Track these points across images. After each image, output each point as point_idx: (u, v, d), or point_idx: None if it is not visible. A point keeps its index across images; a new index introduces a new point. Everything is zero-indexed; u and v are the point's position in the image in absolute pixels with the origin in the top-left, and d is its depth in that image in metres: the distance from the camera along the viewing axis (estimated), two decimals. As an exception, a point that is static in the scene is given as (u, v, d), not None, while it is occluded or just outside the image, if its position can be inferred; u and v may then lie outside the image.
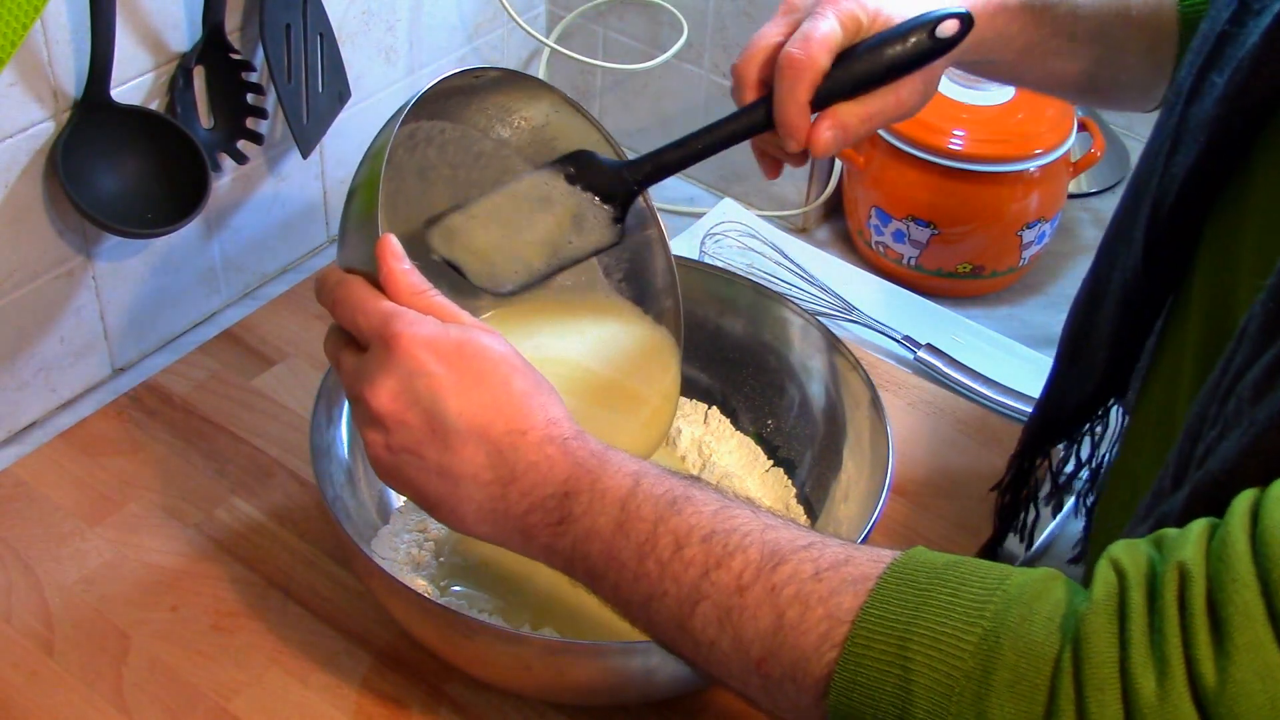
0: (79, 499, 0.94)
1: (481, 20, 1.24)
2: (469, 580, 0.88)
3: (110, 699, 0.83)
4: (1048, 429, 0.89)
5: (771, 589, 0.60)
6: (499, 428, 0.68)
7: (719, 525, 0.63)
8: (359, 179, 0.76)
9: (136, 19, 0.94)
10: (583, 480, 0.67)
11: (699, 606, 0.62)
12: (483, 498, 0.68)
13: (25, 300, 0.96)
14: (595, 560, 0.66)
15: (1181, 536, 0.54)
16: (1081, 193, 1.35)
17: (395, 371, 0.68)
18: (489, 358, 0.69)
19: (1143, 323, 0.78)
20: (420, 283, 0.72)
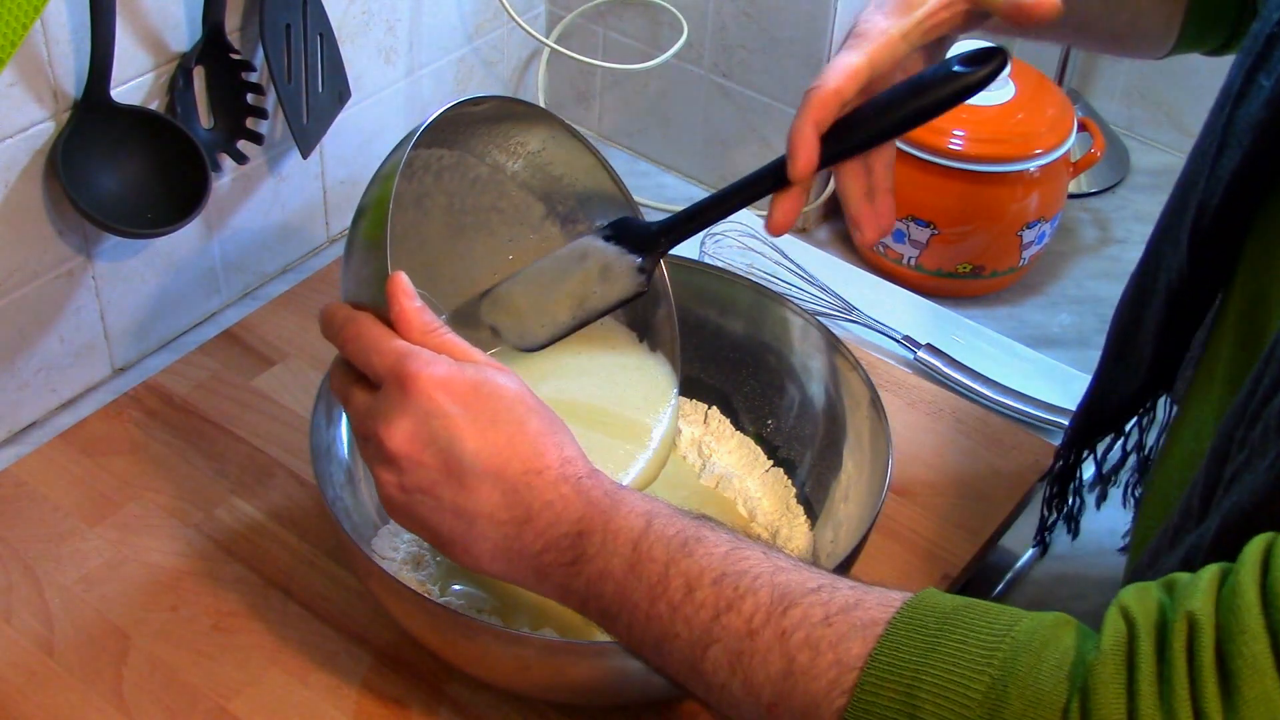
0: (79, 499, 0.94)
1: (481, 20, 1.24)
2: (469, 580, 0.88)
3: (110, 699, 0.83)
4: (1095, 422, 0.89)
5: (782, 633, 0.60)
6: (515, 468, 0.68)
7: (730, 567, 0.63)
8: (363, 206, 0.77)
9: (136, 19, 0.94)
10: (595, 520, 0.67)
11: (710, 650, 0.62)
12: (498, 537, 0.69)
13: (25, 300, 0.96)
14: (608, 601, 0.66)
15: (1192, 584, 0.53)
16: (1081, 193, 1.35)
17: (411, 412, 0.68)
18: (504, 397, 0.69)
19: (1189, 321, 0.78)
20: (431, 321, 0.72)
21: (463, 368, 0.70)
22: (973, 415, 1.05)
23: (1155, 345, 0.80)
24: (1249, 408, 0.60)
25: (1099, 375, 0.87)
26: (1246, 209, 0.70)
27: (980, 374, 1.10)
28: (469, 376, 0.69)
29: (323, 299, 1.11)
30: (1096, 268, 1.27)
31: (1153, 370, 0.81)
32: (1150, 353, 0.80)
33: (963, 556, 0.94)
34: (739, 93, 1.24)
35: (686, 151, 1.31)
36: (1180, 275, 0.75)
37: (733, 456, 0.99)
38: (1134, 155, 1.41)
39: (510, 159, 0.89)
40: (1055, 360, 1.15)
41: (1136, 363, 0.82)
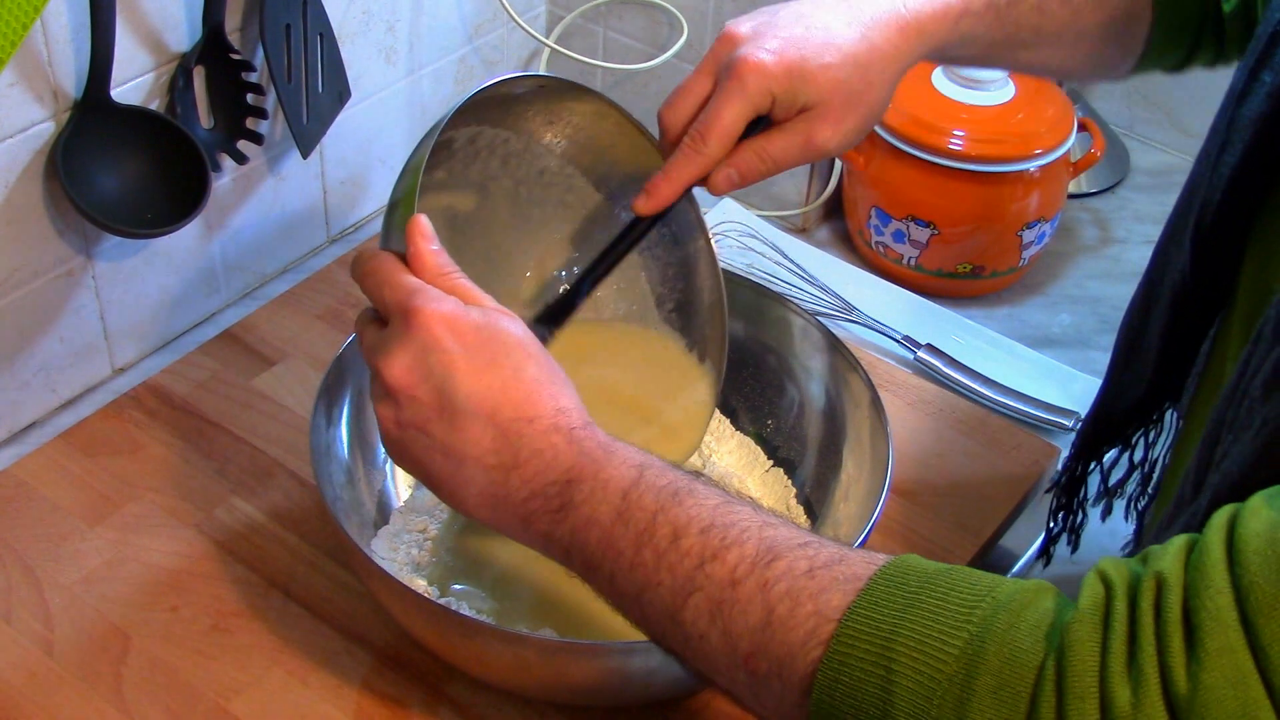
0: (79, 499, 0.94)
1: (481, 20, 1.24)
2: (469, 580, 0.88)
3: (110, 699, 0.83)
4: (1102, 432, 0.89)
5: (764, 584, 0.60)
6: (507, 413, 0.68)
7: (718, 519, 0.63)
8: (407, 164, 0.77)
9: (136, 19, 0.94)
10: (586, 469, 0.67)
11: (691, 598, 0.62)
12: (485, 481, 0.68)
13: (25, 300, 0.96)
14: (593, 549, 0.66)
15: (1163, 549, 0.54)
16: (1081, 193, 1.35)
17: (411, 346, 0.68)
18: (505, 341, 0.69)
19: (1194, 327, 0.78)
20: (447, 264, 0.72)
21: (468, 309, 0.69)
22: (973, 415, 1.05)
23: (1160, 350, 0.80)
24: (1239, 388, 0.60)
25: (1107, 383, 0.87)
26: (1248, 206, 0.70)
27: (980, 374, 1.10)
28: (473, 317, 0.69)
29: (323, 299, 1.11)
30: (1096, 268, 1.27)
31: (1158, 376, 0.81)
32: (1155, 358, 0.80)
33: (963, 556, 0.94)
34: (739, 93, 1.24)
35: (686, 151, 1.31)
36: (1184, 278, 0.75)
37: (733, 456, 0.99)
38: (1134, 155, 1.41)
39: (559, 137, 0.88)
40: (1055, 360, 1.15)
41: (1142, 371, 0.82)
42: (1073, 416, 1.08)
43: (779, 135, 0.82)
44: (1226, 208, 0.71)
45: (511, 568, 0.89)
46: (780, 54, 0.80)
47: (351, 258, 0.77)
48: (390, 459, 0.72)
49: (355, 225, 1.22)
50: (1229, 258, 0.73)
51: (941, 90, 1.18)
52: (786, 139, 0.82)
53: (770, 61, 0.80)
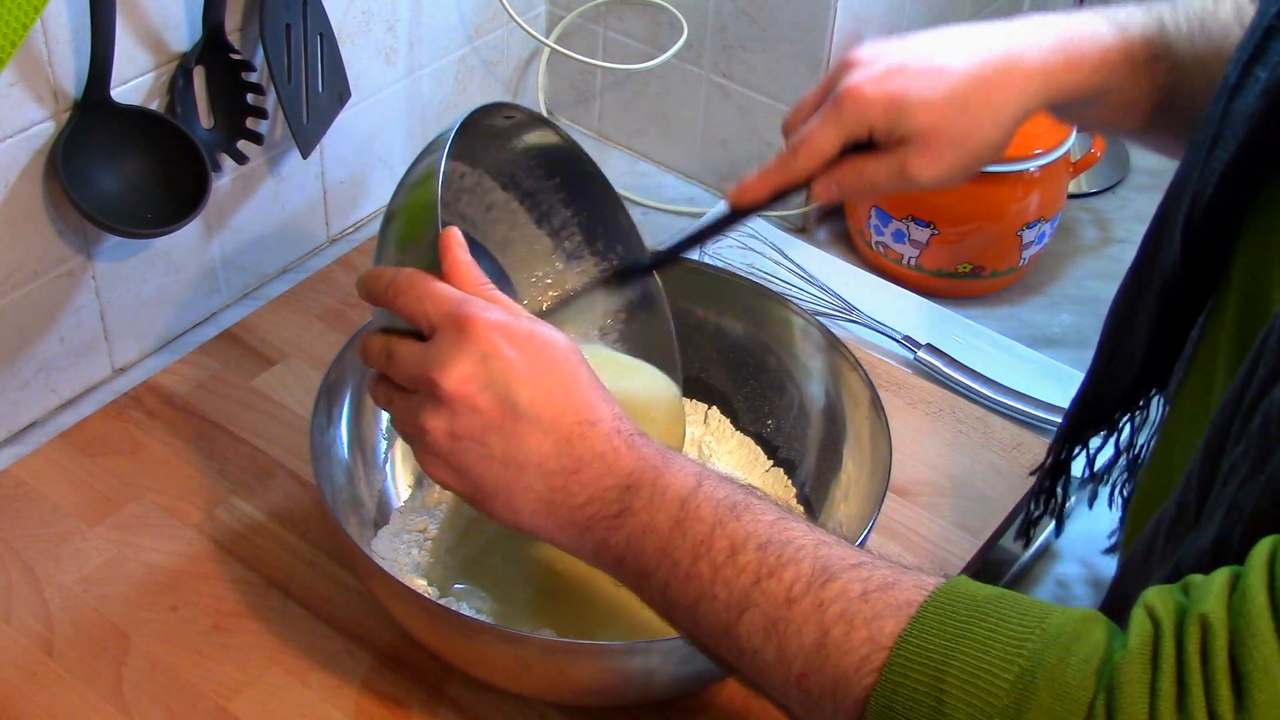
0: (79, 499, 0.94)
1: (481, 20, 1.24)
2: (469, 580, 0.88)
3: (110, 699, 0.83)
4: (1087, 417, 0.89)
5: (819, 604, 0.60)
6: (570, 417, 0.68)
7: (775, 535, 0.63)
8: (412, 177, 0.76)
9: (136, 19, 0.94)
10: (646, 475, 0.67)
11: (746, 614, 0.62)
12: (543, 488, 0.68)
13: (25, 300, 0.96)
14: (649, 556, 0.66)
15: (1205, 586, 0.54)
16: (1081, 193, 1.35)
17: (470, 354, 0.68)
18: (558, 348, 0.69)
19: (1184, 316, 0.78)
20: (482, 276, 0.72)
21: (518, 317, 0.69)
22: (973, 415, 1.05)
23: (1149, 340, 0.80)
24: (1244, 398, 0.60)
25: (1093, 369, 0.87)
26: (1241, 201, 0.70)
27: (980, 374, 1.10)
28: (524, 325, 0.69)
29: (323, 299, 1.11)
30: (1096, 268, 1.27)
31: (1146, 365, 0.81)
32: (1144, 347, 0.80)
33: (963, 556, 0.94)
34: (739, 93, 1.24)
35: (686, 151, 1.31)
36: (1174, 269, 0.75)
37: (733, 456, 0.99)
38: (1134, 155, 1.41)
39: (527, 179, 0.89)
40: (1055, 360, 1.15)
41: (1130, 357, 0.82)
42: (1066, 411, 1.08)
43: (877, 159, 0.82)
44: (1219, 202, 0.71)
45: (511, 568, 0.89)
46: (883, 84, 0.81)
47: (357, 264, 0.76)
48: (428, 474, 0.71)
49: (355, 225, 1.22)
50: (1220, 250, 0.73)
51: (941, 90, 1.18)
52: (883, 164, 0.82)
53: (871, 92, 0.80)
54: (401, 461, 0.95)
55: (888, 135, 0.81)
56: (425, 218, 0.73)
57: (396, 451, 0.95)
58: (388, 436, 0.94)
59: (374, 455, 0.93)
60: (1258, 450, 0.57)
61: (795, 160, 0.83)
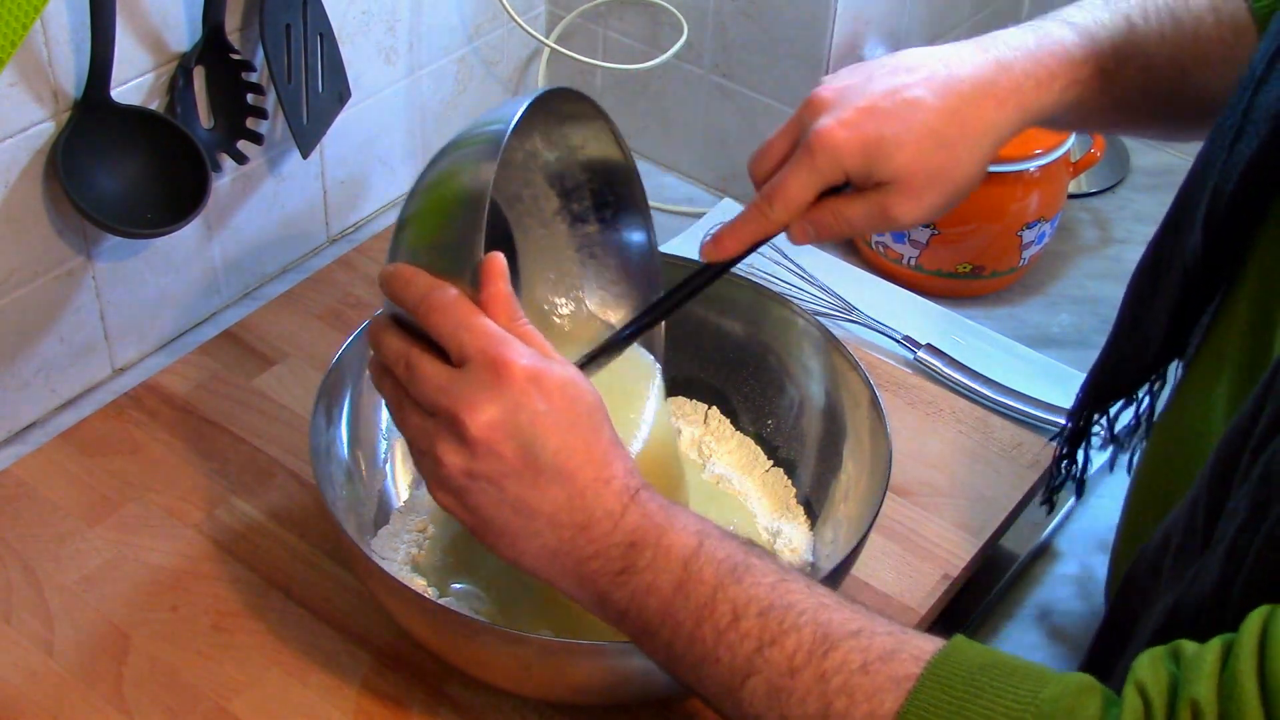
0: (79, 499, 0.94)
1: (481, 20, 1.24)
2: (468, 580, 0.88)
3: (110, 699, 0.83)
4: (1107, 386, 0.89)
5: (821, 675, 0.61)
6: (587, 474, 0.68)
7: (777, 600, 0.64)
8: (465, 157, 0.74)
9: (136, 19, 0.94)
10: (650, 534, 0.67)
11: (750, 680, 0.63)
12: (552, 538, 0.69)
13: (25, 300, 0.96)
14: (651, 616, 0.67)
15: (1197, 664, 0.54)
16: (1081, 193, 1.35)
17: (501, 400, 0.67)
18: (586, 401, 0.69)
19: (1204, 298, 0.78)
20: (519, 310, 0.71)
21: (551, 364, 0.69)
22: (973, 415, 1.05)
23: (1170, 318, 0.80)
24: (1251, 435, 0.60)
25: (1113, 339, 0.87)
26: (1263, 196, 0.70)
27: (980, 374, 1.10)
28: (556, 374, 0.68)
29: (323, 299, 1.11)
30: (1096, 268, 1.27)
31: (1165, 341, 0.81)
32: (1165, 325, 0.80)
33: (963, 556, 0.94)
34: (739, 93, 1.24)
35: (686, 151, 1.31)
36: (1195, 255, 0.75)
37: (733, 456, 0.99)
38: (1134, 155, 1.41)
39: (549, 149, 0.87)
40: (1055, 360, 1.15)
41: (1150, 333, 0.82)
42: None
43: (858, 202, 0.80)
44: (1241, 195, 0.71)
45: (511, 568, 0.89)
46: (857, 127, 0.78)
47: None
48: (433, 497, 0.71)
49: (355, 225, 1.22)
50: (1241, 240, 0.73)
51: (941, 90, 1.18)
52: (864, 207, 0.80)
53: (844, 136, 0.78)
54: (401, 461, 0.95)
55: (864, 180, 0.79)
56: (469, 224, 0.71)
57: (396, 451, 0.95)
58: (387, 436, 0.94)
59: (374, 455, 0.93)
60: (1260, 498, 0.57)
61: (771, 211, 0.81)
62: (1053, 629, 0.97)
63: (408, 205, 0.76)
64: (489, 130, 0.74)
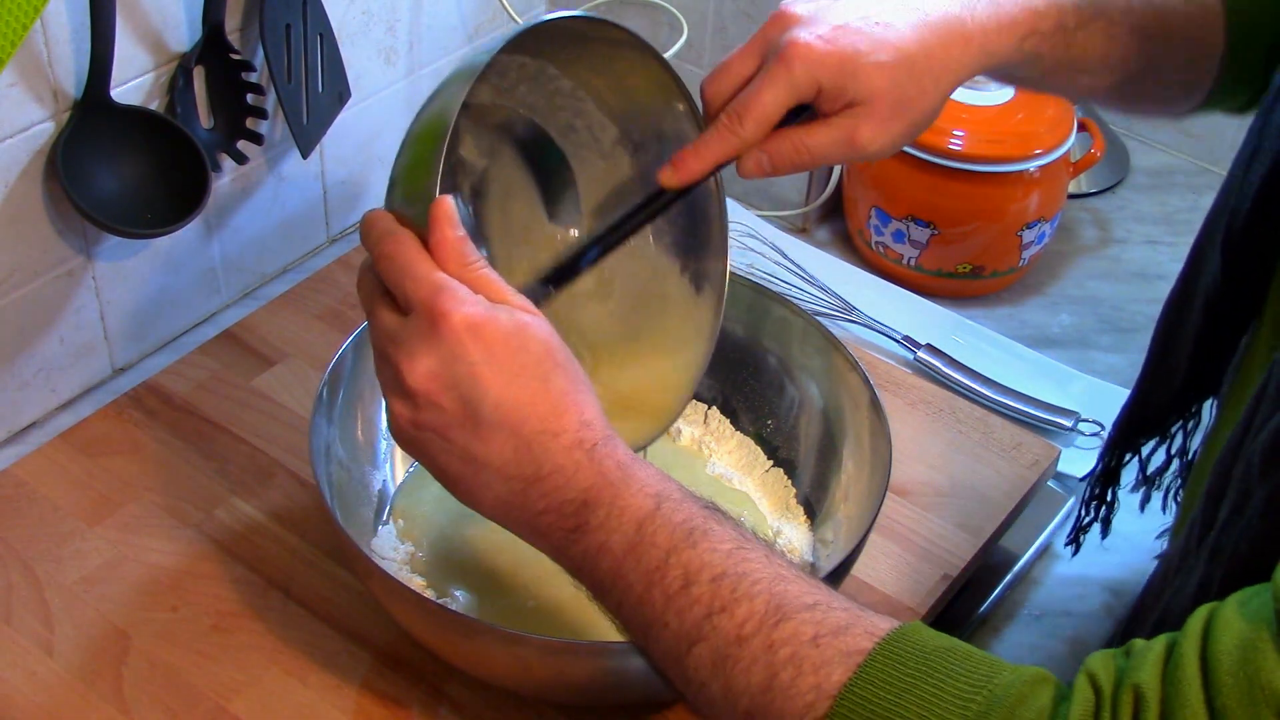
0: (79, 499, 0.94)
1: (481, 20, 1.24)
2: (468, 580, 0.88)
3: (110, 699, 0.83)
4: (1138, 424, 0.89)
5: (770, 645, 0.60)
6: (532, 426, 0.66)
7: (731, 567, 0.62)
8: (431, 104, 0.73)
9: (136, 19, 0.94)
10: (604, 493, 0.66)
11: (696, 647, 0.62)
12: (503, 490, 0.67)
13: (25, 300, 0.96)
14: (603, 575, 0.66)
15: (1144, 654, 0.54)
16: (1081, 193, 1.35)
17: (436, 351, 0.66)
18: (532, 350, 0.67)
19: (1230, 327, 0.77)
20: (471, 254, 0.69)
21: (496, 311, 0.67)
22: (973, 415, 1.05)
23: (1194, 349, 0.79)
24: (1244, 444, 0.59)
25: (1143, 376, 0.86)
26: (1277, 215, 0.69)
27: (980, 374, 1.10)
28: (501, 323, 0.67)
29: (323, 299, 1.11)
30: (1096, 268, 1.27)
31: (1191, 374, 0.80)
32: (1189, 356, 0.80)
33: (963, 556, 0.94)
34: (739, 93, 1.24)
35: (686, 151, 1.31)
36: (1216, 282, 0.74)
37: (733, 456, 0.99)
38: (1134, 155, 1.41)
39: (597, 76, 0.84)
40: (1055, 360, 1.15)
41: (1177, 365, 0.82)
42: (1073, 416, 1.08)
43: (821, 128, 0.78)
44: (1256, 215, 0.70)
45: (510, 568, 0.89)
46: (833, 42, 0.76)
47: (357, 264, 0.73)
48: (397, 444, 0.71)
49: (355, 225, 1.22)
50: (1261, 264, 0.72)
51: (941, 90, 1.18)
52: (829, 133, 0.78)
53: (821, 48, 0.76)
54: (401, 462, 0.95)
55: (835, 99, 0.77)
56: (429, 165, 0.70)
57: (396, 451, 0.95)
58: (387, 436, 0.94)
59: (374, 455, 0.93)
60: (1241, 491, 0.57)
61: (742, 128, 0.78)
62: (1053, 629, 0.97)
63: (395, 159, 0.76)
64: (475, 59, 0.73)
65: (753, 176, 0.80)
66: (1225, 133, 1.38)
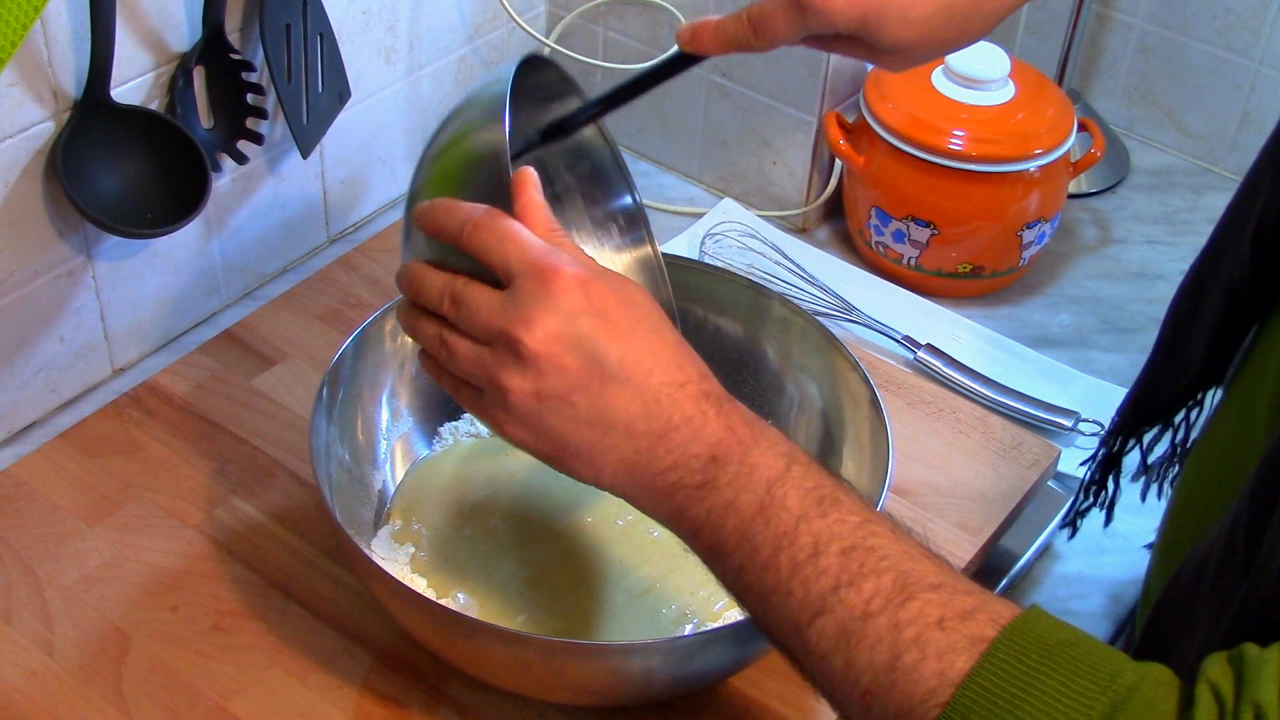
0: (79, 499, 0.94)
1: (481, 20, 1.24)
2: (468, 581, 0.88)
3: (110, 699, 0.83)
4: (1143, 411, 0.88)
5: (895, 625, 0.59)
6: (659, 377, 0.65)
7: (861, 541, 0.61)
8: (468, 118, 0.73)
9: (136, 19, 0.94)
10: (734, 449, 0.64)
11: (820, 618, 0.60)
12: (629, 450, 0.65)
13: (25, 300, 0.96)
14: (727, 535, 0.64)
15: (1259, 667, 0.53)
16: (1081, 193, 1.35)
17: (556, 310, 0.64)
18: (643, 304, 0.66)
19: (1248, 319, 0.77)
20: (554, 219, 0.68)
21: (599, 270, 0.66)
22: (972, 415, 1.05)
23: (1210, 340, 0.79)
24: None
25: (1150, 364, 0.86)
26: None
27: (980, 374, 1.10)
28: (609, 279, 0.66)
29: (323, 299, 1.11)
30: (1096, 268, 1.27)
31: (1205, 364, 0.80)
32: (1204, 347, 0.79)
33: (963, 556, 0.94)
34: (739, 93, 1.24)
35: (686, 151, 1.31)
36: (1242, 275, 0.74)
37: (733, 456, 0.99)
38: (1134, 155, 1.41)
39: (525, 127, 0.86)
40: (1055, 360, 1.15)
41: (1189, 356, 0.81)
42: (1073, 416, 1.08)
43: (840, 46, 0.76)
44: None
45: (511, 568, 0.89)
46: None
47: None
48: (501, 433, 0.68)
49: (355, 225, 1.22)
50: None
51: (941, 90, 1.18)
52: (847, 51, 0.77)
53: (840, 4, 0.74)
54: (401, 461, 0.95)
55: (855, 42, 0.76)
56: (490, 155, 0.69)
57: (396, 451, 0.95)
58: (387, 436, 0.95)
59: (374, 455, 0.93)
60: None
61: (750, 38, 0.76)
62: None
63: (417, 177, 0.75)
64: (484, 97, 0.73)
65: None
66: (1225, 133, 1.38)
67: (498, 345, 0.66)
